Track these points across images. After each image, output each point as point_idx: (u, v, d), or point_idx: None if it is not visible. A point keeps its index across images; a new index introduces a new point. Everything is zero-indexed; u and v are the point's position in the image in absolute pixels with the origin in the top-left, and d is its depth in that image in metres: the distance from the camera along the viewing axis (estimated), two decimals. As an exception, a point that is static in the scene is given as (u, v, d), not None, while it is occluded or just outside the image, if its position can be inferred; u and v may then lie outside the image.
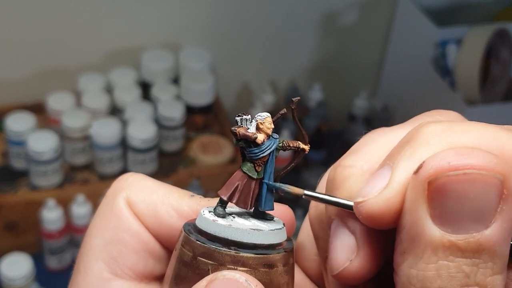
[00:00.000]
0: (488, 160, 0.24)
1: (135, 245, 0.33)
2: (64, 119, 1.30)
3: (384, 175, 0.26)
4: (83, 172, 1.34)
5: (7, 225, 1.28)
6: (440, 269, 0.24)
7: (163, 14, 1.48)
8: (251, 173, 0.30)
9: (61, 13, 1.41)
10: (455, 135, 0.25)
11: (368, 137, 0.30)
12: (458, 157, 0.24)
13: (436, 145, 0.25)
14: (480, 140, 0.25)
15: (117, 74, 1.42)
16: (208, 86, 1.39)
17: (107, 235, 0.32)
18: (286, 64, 1.65)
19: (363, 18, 1.64)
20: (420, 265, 0.25)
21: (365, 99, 1.61)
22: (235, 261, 0.28)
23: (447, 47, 1.44)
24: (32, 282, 1.19)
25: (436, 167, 0.24)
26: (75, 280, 0.32)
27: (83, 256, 0.33)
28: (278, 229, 0.30)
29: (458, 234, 0.24)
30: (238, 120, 0.29)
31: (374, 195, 0.26)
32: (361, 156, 0.29)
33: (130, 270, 0.33)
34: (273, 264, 0.28)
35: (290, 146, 0.30)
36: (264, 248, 0.29)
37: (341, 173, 0.29)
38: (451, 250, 0.24)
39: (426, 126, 0.26)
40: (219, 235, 0.29)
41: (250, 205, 0.30)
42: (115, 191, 0.34)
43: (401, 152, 0.26)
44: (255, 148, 0.29)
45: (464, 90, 1.38)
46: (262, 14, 1.56)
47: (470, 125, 0.26)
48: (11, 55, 1.43)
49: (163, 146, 1.37)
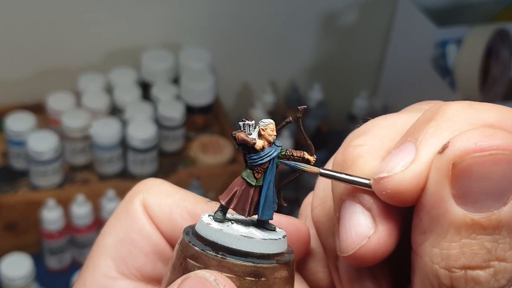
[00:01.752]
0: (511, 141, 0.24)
1: (145, 247, 0.33)
2: (64, 119, 1.30)
3: (408, 151, 0.26)
4: (83, 172, 1.34)
5: (7, 225, 1.28)
6: (464, 247, 0.25)
7: (163, 14, 1.48)
8: (250, 179, 0.29)
9: (61, 13, 1.41)
10: (477, 113, 0.26)
11: (371, 122, 0.30)
12: (483, 138, 0.24)
13: (460, 122, 0.26)
14: (500, 118, 0.26)
15: (117, 74, 1.42)
16: (208, 86, 1.39)
17: (119, 235, 0.33)
18: (286, 64, 1.65)
19: (363, 18, 1.64)
20: (443, 244, 0.25)
21: (365, 99, 1.61)
22: (221, 266, 0.27)
23: (447, 47, 1.44)
24: (32, 282, 1.19)
25: (462, 148, 0.24)
26: (83, 275, 0.33)
27: (93, 252, 0.33)
28: (273, 239, 0.29)
29: (480, 212, 0.24)
30: (241, 125, 0.29)
31: (400, 170, 0.26)
32: (371, 136, 0.29)
33: (137, 271, 0.33)
34: (261, 274, 0.28)
35: (294, 156, 0.30)
36: (256, 257, 0.28)
37: (353, 152, 0.29)
38: (474, 228, 0.24)
39: (447, 105, 0.27)
40: (210, 239, 0.28)
41: (248, 212, 0.29)
42: (133, 193, 0.34)
43: (424, 129, 0.26)
44: (254, 154, 0.29)
45: (464, 90, 1.38)
46: (262, 14, 1.56)
47: (488, 105, 0.27)
48: (11, 55, 1.43)
49: (163, 146, 1.37)
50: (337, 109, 1.67)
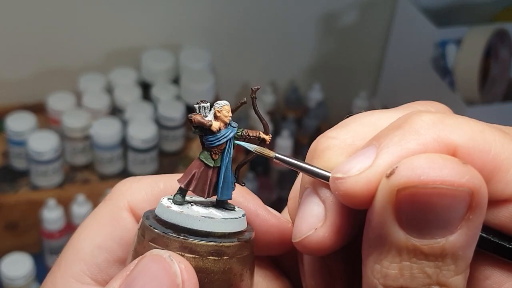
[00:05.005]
0: (460, 175, 0.24)
1: (123, 256, 0.32)
2: (65, 119, 1.30)
3: (368, 155, 0.26)
4: (84, 172, 1.34)
5: (8, 225, 1.28)
6: (403, 269, 0.25)
7: (163, 14, 1.48)
8: (208, 161, 0.29)
9: (61, 13, 1.41)
10: (445, 129, 0.25)
11: (356, 115, 0.30)
12: (429, 170, 0.24)
13: (425, 136, 0.25)
14: (469, 138, 0.25)
15: (117, 74, 1.42)
16: (208, 86, 1.39)
17: (96, 240, 0.32)
18: (286, 64, 1.65)
19: (363, 18, 1.64)
20: (384, 262, 0.25)
21: (365, 99, 1.61)
22: (183, 248, 0.28)
23: (447, 47, 1.44)
24: (32, 282, 1.19)
25: (406, 177, 0.24)
26: (53, 275, 0.32)
27: (67, 252, 0.32)
28: (233, 218, 0.29)
29: (423, 239, 0.24)
30: (196, 107, 0.30)
31: (354, 174, 0.26)
32: (346, 131, 0.29)
33: (111, 278, 0.31)
34: (222, 253, 0.28)
35: (249, 136, 0.30)
36: (218, 236, 0.28)
37: (323, 143, 0.29)
38: (415, 253, 0.24)
39: (418, 115, 0.26)
40: (170, 221, 0.28)
41: (208, 193, 0.30)
42: (114, 196, 0.33)
43: (389, 136, 0.26)
44: (210, 136, 0.29)
45: (463, 90, 1.38)
46: (262, 14, 1.56)
47: (461, 121, 0.26)
48: (12, 55, 1.43)
49: (163, 146, 1.37)
50: (337, 109, 1.67)
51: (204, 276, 0.28)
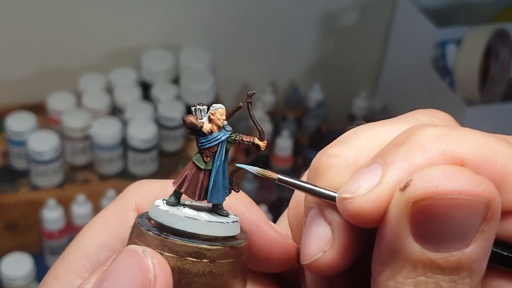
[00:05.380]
0: (476, 185, 0.23)
1: None
2: (65, 119, 1.30)
3: (374, 173, 0.26)
4: (84, 172, 1.34)
5: (8, 225, 1.28)
6: (419, 285, 0.24)
7: (163, 14, 1.48)
8: (199, 163, 0.29)
9: (61, 13, 1.41)
10: (451, 143, 0.25)
11: (357, 129, 0.29)
12: (446, 180, 0.23)
13: (431, 151, 0.25)
14: (476, 151, 0.25)
15: (117, 74, 1.42)
16: (208, 86, 1.39)
17: (101, 238, 0.32)
18: (286, 64, 1.65)
19: (363, 18, 1.64)
20: (398, 278, 0.25)
21: (365, 99, 1.61)
22: (163, 246, 0.28)
23: (447, 47, 1.44)
24: (32, 282, 1.19)
25: (423, 188, 0.24)
26: (56, 268, 0.32)
27: (71, 248, 0.33)
28: (219, 222, 0.29)
29: (439, 252, 0.24)
30: (193, 109, 0.29)
31: (363, 193, 0.25)
32: (348, 147, 0.28)
33: None
34: (202, 255, 0.28)
35: (243, 141, 0.30)
36: (202, 239, 0.28)
37: (325, 160, 0.28)
38: (431, 267, 0.24)
39: (422, 129, 0.26)
40: (157, 220, 0.29)
41: (198, 196, 0.29)
42: (124, 196, 0.33)
43: (395, 152, 0.25)
44: (202, 138, 0.29)
45: (463, 90, 1.38)
46: (262, 14, 1.56)
47: (465, 133, 0.26)
48: (12, 55, 1.43)
49: (163, 146, 1.37)
50: (337, 109, 1.68)
51: (182, 277, 0.28)
